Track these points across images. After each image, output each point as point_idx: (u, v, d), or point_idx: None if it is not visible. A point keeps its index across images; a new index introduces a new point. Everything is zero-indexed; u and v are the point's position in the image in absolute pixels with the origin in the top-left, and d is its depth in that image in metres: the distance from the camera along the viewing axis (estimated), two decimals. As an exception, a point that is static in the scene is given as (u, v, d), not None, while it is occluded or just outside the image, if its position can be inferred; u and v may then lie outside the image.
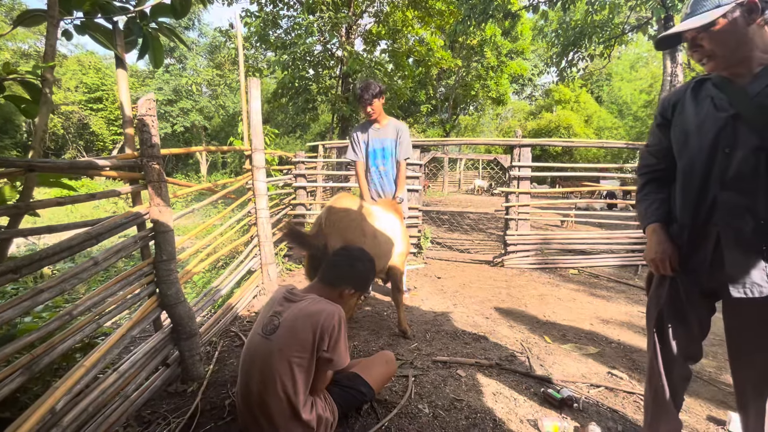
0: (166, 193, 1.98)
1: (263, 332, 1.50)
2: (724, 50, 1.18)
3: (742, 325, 1.28)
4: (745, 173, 1.17)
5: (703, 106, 1.28)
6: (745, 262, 1.18)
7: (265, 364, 1.45)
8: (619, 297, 3.78)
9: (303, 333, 1.44)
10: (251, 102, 3.21)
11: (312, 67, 10.58)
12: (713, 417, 1.88)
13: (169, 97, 23.08)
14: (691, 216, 1.30)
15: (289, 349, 1.44)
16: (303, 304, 1.51)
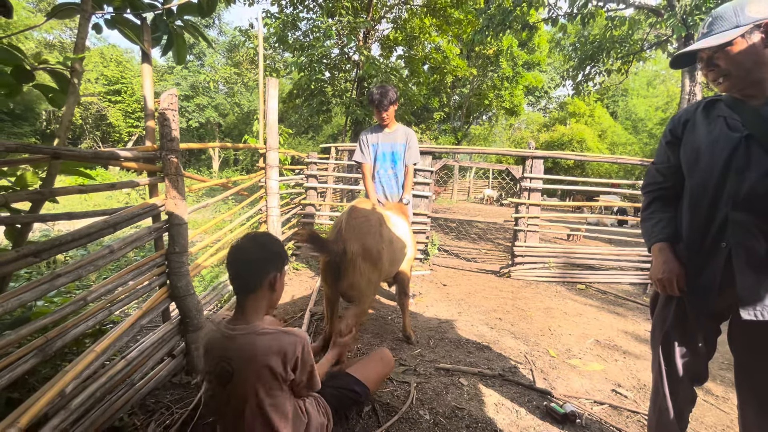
0: (182, 187, 2.02)
1: (219, 383, 1.33)
2: (740, 71, 1.18)
3: (750, 347, 1.27)
4: (758, 194, 1.17)
5: (715, 126, 1.28)
6: (757, 283, 1.17)
7: (235, 409, 1.32)
8: (627, 314, 3.73)
9: (266, 370, 1.29)
10: (268, 101, 3.26)
11: (328, 69, 10.69)
12: (719, 442, 1.85)
13: (186, 93, 23.48)
14: (701, 235, 1.29)
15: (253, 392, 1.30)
16: (251, 339, 1.30)
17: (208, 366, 1.35)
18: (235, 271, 1.37)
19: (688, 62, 1.34)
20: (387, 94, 3.14)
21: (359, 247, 2.12)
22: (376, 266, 2.21)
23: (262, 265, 1.37)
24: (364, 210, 2.28)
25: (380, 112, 3.19)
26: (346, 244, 2.10)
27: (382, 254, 2.25)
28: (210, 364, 1.34)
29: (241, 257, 1.37)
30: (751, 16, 1.15)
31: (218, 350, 1.32)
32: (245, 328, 1.33)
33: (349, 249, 2.10)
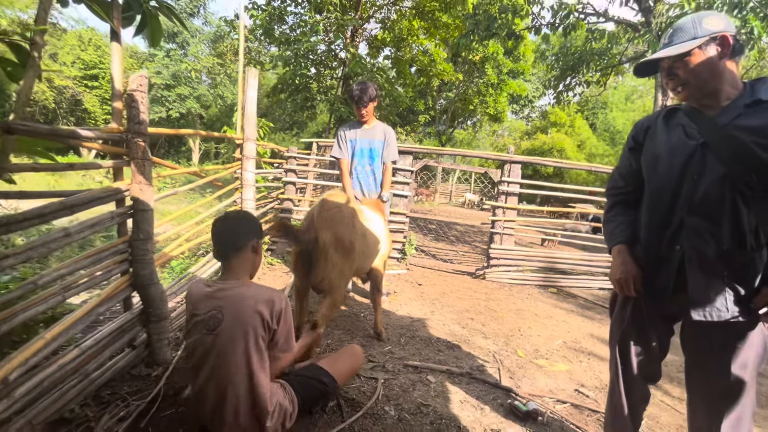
0: (149, 172, 1.95)
1: (207, 330, 1.42)
2: (698, 81, 1.23)
3: (700, 347, 1.32)
4: (711, 199, 1.21)
5: (674, 134, 1.32)
6: (707, 286, 1.22)
7: (220, 358, 1.41)
8: (595, 318, 3.83)
9: (252, 318, 1.42)
10: (248, 90, 3.20)
11: (314, 65, 10.60)
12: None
13: (168, 82, 22.85)
14: (657, 238, 1.33)
15: (241, 336, 1.41)
16: (240, 291, 1.46)
17: (197, 317, 1.45)
18: (222, 235, 1.55)
19: (652, 71, 1.38)
20: (366, 91, 3.12)
21: (331, 237, 2.10)
22: (348, 257, 2.20)
23: (246, 228, 1.58)
24: (336, 202, 2.28)
25: (359, 108, 3.17)
26: (317, 234, 2.08)
27: (355, 245, 2.24)
28: (198, 314, 1.45)
29: (226, 222, 1.58)
30: (707, 28, 1.20)
31: (208, 301, 1.45)
32: (236, 282, 1.50)
33: (321, 239, 2.08)
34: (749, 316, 1.20)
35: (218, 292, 1.46)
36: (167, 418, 1.67)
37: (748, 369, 1.23)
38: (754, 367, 1.23)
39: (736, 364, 1.23)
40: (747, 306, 1.19)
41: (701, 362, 1.33)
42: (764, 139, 1.14)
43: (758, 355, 1.23)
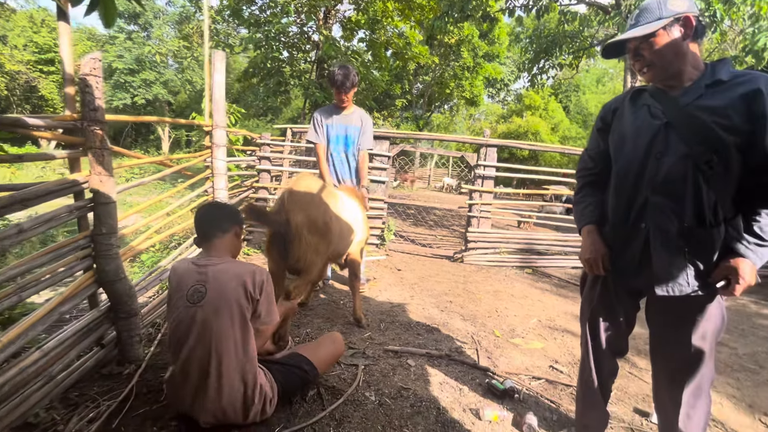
0: (109, 162, 1.84)
1: (190, 302, 1.45)
2: (662, 61, 1.24)
3: (663, 321, 1.37)
4: (673, 178, 1.24)
5: (640, 114, 1.34)
6: (669, 262, 1.26)
7: (204, 330, 1.42)
8: (569, 296, 3.96)
9: (235, 291, 1.45)
10: (215, 74, 3.06)
11: (286, 48, 10.28)
12: (639, 409, 2.01)
13: (131, 67, 21.67)
14: (623, 217, 1.36)
15: (225, 309, 1.44)
16: (224, 266, 1.50)
17: (178, 287, 1.49)
18: (207, 218, 1.62)
19: (619, 52, 1.39)
20: (349, 76, 3.02)
21: (304, 218, 2.07)
22: (323, 237, 2.18)
23: (228, 215, 1.66)
24: (307, 182, 2.24)
25: (340, 94, 3.07)
26: (289, 216, 2.04)
27: (330, 225, 2.21)
28: (181, 286, 1.48)
29: (211, 208, 1.68)
30: (672, 9, 1.21)
31: (193, 276, 1.48)
32: (219, 260, 1.53)
33: (293, 220, 2.04)
34: (708, 289, 1.25)
35: (202, 267, 1.50)
36: (141, 417, 1.63)
37: (707, 340, 1.29)
38: (713, 338, 1.30)
39: (696, 335, 1.28)
40: (706, 280, 1.24)
41: (664, 335, 1.39)
42: (724, 119, 1.17)
43: (716, 327, 1.30)
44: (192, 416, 1.48)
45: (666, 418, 1.42)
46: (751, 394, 2.28)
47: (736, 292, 1.18)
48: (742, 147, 1.17)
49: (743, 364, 2.68)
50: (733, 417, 2.03)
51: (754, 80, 1.17)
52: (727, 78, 1.20)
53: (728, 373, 2.53)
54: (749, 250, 1.18)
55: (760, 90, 1.14)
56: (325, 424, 1.67)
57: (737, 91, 1.17)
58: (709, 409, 1.36)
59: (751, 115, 1.15)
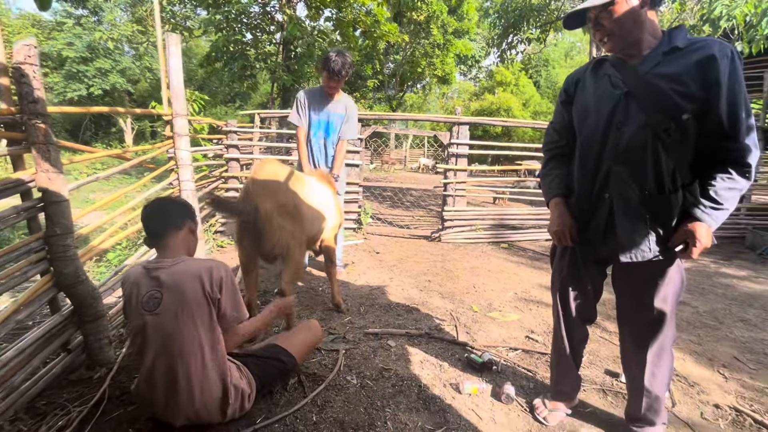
0: (57, 158, 1.72)
1: (146, 310, 1.38)
2: (622, 30, 1.25)
3: (628, 286, 1.43)
4: (634, 147, 1.27)
5: (601, 84, 1.35)
6: (632, 230, 1.30)
7: (165, 337, 1.37)
8: (543, 268, 4.07)
9: (194, 292, 1.39)
10: (170, 59, 2.88)
11: (249, 30, 9.82)
12: (609, 370, 2.11)
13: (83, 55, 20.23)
14: (588, 188, 1.39)
15: (185, 312, 1.38)
16: (178, 266, 1.42)
17: (131, 295, 1.41)
18: (156, 216, 1.50)
19: (580, 23, 1.38)
20: (346, 64, 2.90)
21: (272, 203, 2.02)
22: (296, 220, 2.14)
23: (181, 210, 1.56)
24: (271, 167, 2.17)
25: (332, 79, 2.95)
26: (257, 203, 1.98)
27: (300, 208, 2.17)
28: (136, 294, 1.41)
29: (158, 205, 1.54)
30: None
31: (146, 283, 1.41)
32: (172, 260, 1.44)
33: (262, 207, 1.98)
34: (668, 254, 1.30)
35: (155, 271, 1.42)
36: (115, 420, 1.58)
37: (668, 302, 1.34)
38: (673, 300, 1.36)
39: (658, 298, 1.34)
40: (666, 245, 1.29)
41: (629, 300, 1.44)
42: (680, 86, 1.19)
43: (676, 289, 1.35)
44: (166, 421, 1.45)
45: (633, 378, 1.50)
46: (711, 348, 2.43)
47: (694, 254, 1.23)
48: (698, 114, 1.19)
49: (704, 321, 2.85)
50: (695, 371, 2.16)
51: (709, 46, 1.18)
52: (683, 45, 1.22)
53: (690, 330, 2.68)
54: (705, 214, 1.22)
55: (713, 56, 1.16)
56: (308, 411, 1.67)
57: (693, 57, 1.19)
58: (671, 365, 1.44)
59: (706, 82, 1.17)
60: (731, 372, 2.16)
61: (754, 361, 2.29)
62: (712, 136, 1.21)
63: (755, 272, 4.17)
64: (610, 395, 1.89)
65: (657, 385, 1.42)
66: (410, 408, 1.73)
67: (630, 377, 1.53)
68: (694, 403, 1.87)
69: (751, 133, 1.18)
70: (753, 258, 4.78)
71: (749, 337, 2.60)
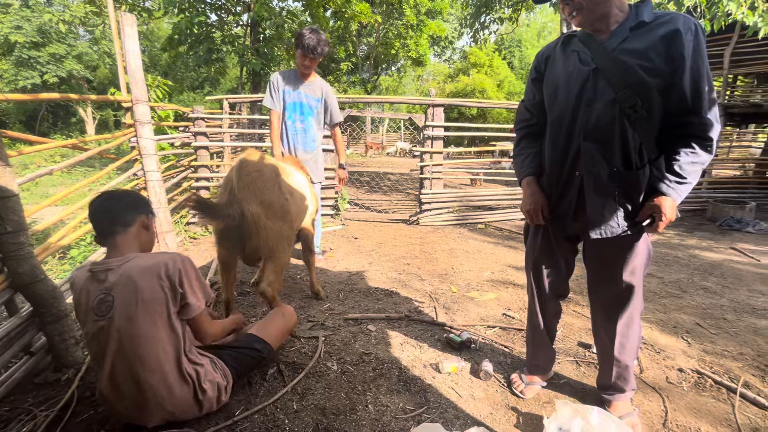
0: (2, 150, 1.59)
1: (97, 315, 1.30)
2: (590, 3, 1.23)
3: (598, 261, 1.46)
4: (602, 124, 1.27)
5: (570, 61, 1.35)
6: (602, 206, 1.32)
7: (122, 342, 1.29)
8: (519, 247, 4.16)
9: (150, 289, 1.29)
10: (126, 41, 2.70)
11: (213, 11, 9.36)
12: (582, 342, 2.19)
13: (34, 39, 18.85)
14: (559, 166, 1.40)
15: (140, 313, 1.29)
16: (128, 265, 1.31)
17: (86, 305, 1.32)
18: (102, 212, 1.38)
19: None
20: (321, 42, 2.78)
21: (258, 206, 1.91)
22: (284, 219, 2.05)
23: (131, 203, 1.43)
24: (254, 163, 2.04)
25: (306, 58, 2.84)
26: (242, 206, 1.87)
27: (288, 206, 2.08)
28: (87, 304, 1.32)
29: (106, 199, 1.41)
30: None
31: (95, 286, 1.32)
32: (121, 259, 1.33)
33: (248, 210, 1.87)
34: (636, 228, 1.33)
35: (103, 273, 1.32)
36: (85, 422, 1.52)
37: (636, 275, 1.39)
38: (641, 273, 1.40)
39: (626, 271, 1.38)
40: (634, 220, 1.32)
41: (599, 274, 1.48)
42: (646, 61, 1.19)
43: (643, 262, 1.40)
44: (140, 424, 1.40)
45: (603, 348, 1.55)
46: (675, 316, 2.56)
47: (660, 228, 1.26)
48: (663, 88, 1.20)
49: (668, 290, 2.99)
50: (661, 338, 2.27)
51: (673, 21, 1.19)
52: (649, 20, 1.22)
53: (656, 300, 2.81)
54: (671, 189, 1.25)
55: (678, 30, 1.16)
56: (288, 399, 1.66)
57: (658, 32, 1.19)
58: (639, 335, 1.50)
59: (670, 57, 1.18)
60: (693, 338, 2.28)
61: (714, 326, 2.43)
62: (676, 111, 1.23)
63: (715, 242, 4.40)
64: (582, 366, 1.96)
65: (626, 355, 1.48)
66: (391, 390, 1.75)
67: (601, 348, 1.58)
68: (660, 368, 1.96)
69: (713, 108, 1.21)
70: (713, 229, 5.04)
71: (710, 304, 2.74)
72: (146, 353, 1.31)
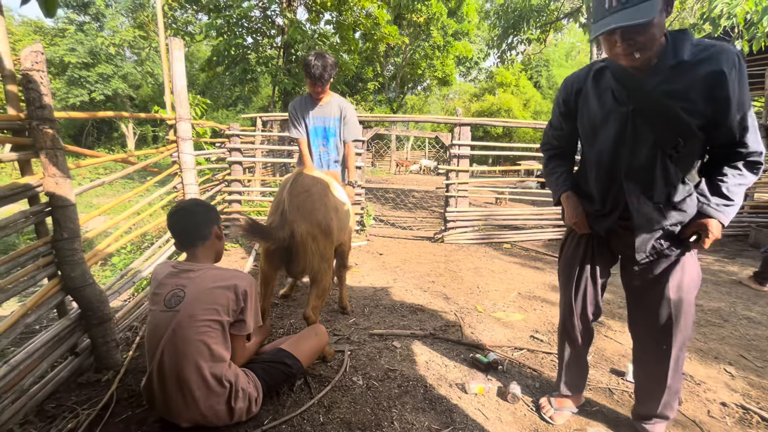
0: (64, 163, 1.74)
1: (167, 306, 1.43)
2: (653, 43, 1.12)
3: (641, 281, 1.43)
4: (644, 165, 1.27)
5: (605, 99, 1.31)
6: (648, 236, 1.33)
7: (176, 334, 1.40)
8: (545, 268, 4.07)
9: (215, 299, 1.44)
10: (173, 64, 2.91)
11: (250, 34, 9.88)
12: (615, 369, 2.11)
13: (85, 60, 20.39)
14: (602, 195, 1.42)
15: (203, 314, 1.42)
16: (206, 273, 1.49)
17: (156, 290, 1.48)
18: (182, 226, 1.56)
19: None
20: (327, 67, 2.76)
21: (307, 227, 1.97)
22: (328, 239, 2.10)
23: (206, 216, 1.60)
24: (304, 183, 2.10)
25: (316, 86, 2.82)
26: (293, 228, 1.92)
27: (332, 224, 2.13)
28: (160, 291, 1.47)
29: (185, 214, 1.57)
30: None
31: (172, 280, 1.48)
32: (201, 266, 1.52)
33: (298, 232, 1.93)
34: (681, 245, 1.33)
35: (183, 273, 1.49)
36: (123, 422, 1.59)
37: (684, 290, 1.35)
38: (691, 290, 1.36)
39: (673, 288, 1.35)
40: (680, 239, 1.32)
41: (643, 295, 1.44)
42: (688, 102, 1.15)
43: (693, 279, 1.36)
44: (172, 421, 1.46)
45: (652, 375, 1.48)
46: (716, 347, 2.43)
47: (706, 245, 1.26)
48: (707, 127, 1.18)
49: (708, 319, 2.84)
50: (701, 369, 2.16)
51: (715, 59, 1.12)
52: (689, 57, 1.15)
53: (695, 328, 2.68)
54: (718, 212, 1.24)
55: (722, 72, 1.11)
56: (314, 412, 1.68)
57: (699, 72, 1.13)
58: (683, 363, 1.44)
59: (714, 98, 1.14)
60: (737, 370, 2.15)
61: (759, 358, 2.29)
62: (721, 144, 1.22)
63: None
64: (616, 394, 1.89)
65: (677, 380, 1.44)
66: (416, 408, 1.74)
67: (646, 375, 1.52)
68: (701, 401, 1.86)
69: (757, 134, 1.19)
70: (756, 255, 4.76)
71: (754, 335, 2.59)
72: (193, 352, 1.39)
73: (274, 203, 2.10)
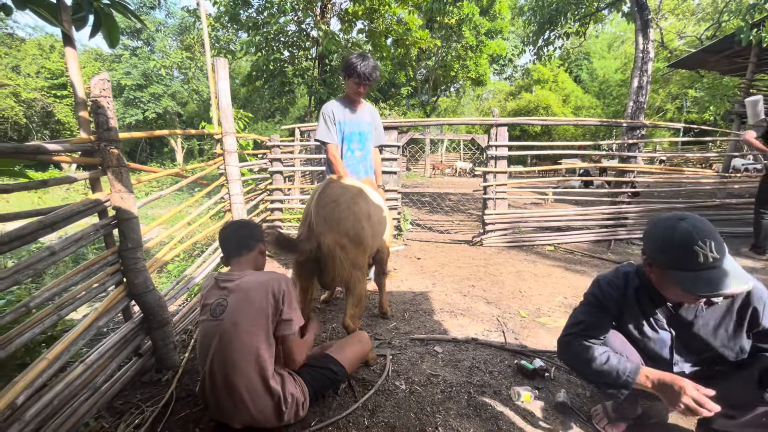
0: (128, 179, 1.90)
1: (212, 316, 1.52)
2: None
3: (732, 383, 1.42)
4: (696, 375, 1.40)
5: (646, 326, 1.43)
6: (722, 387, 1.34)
7: (222, 342, 1.48)
8: (592, 271, 3.89)
9: (259, 301, 1.51)
10: (219, 82, 3.09)
11: (286, 48, 10.27)
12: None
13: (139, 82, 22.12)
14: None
15: (245, 321, 1.49)
16: (246, 279, 1.57)
17: (204, 301, 1.60)
18: (232, 238, 1.71)
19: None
20: (375, 67, 2.70)
21: (334, 238, 1.98)
22: (359, 248, 2.09)
23: (252, 232, 1.75)
24: (332, 193, 2.09)
25: (360, 86, 2.78)
26: (320, 239, 1.94)
27: (363, 233, 2.10)
28: (207, 301, 1.58)
29: (235, 228, 1.75)
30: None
31: (217, 290, 1.58)
32: (240, 274, 1.62)
33: (324, 243, 1.95)
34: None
35: (225, 282, 1.59)
36: (182, 420, 1.70)
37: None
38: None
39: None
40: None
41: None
42: (724, 330, 1.31)
43: None
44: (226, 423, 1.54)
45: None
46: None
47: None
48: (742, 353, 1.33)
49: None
50: None
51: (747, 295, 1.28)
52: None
53: None
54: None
55: (755, 308, 1.27)
56: (359, 415, 1.71)
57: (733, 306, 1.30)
58: None
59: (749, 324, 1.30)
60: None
61: None
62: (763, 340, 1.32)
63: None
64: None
65: None
66: (461, 414, 1.72)
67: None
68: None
69: None
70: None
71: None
72: (239, 358, 1.46)
73: (304, 214, 2.11)
